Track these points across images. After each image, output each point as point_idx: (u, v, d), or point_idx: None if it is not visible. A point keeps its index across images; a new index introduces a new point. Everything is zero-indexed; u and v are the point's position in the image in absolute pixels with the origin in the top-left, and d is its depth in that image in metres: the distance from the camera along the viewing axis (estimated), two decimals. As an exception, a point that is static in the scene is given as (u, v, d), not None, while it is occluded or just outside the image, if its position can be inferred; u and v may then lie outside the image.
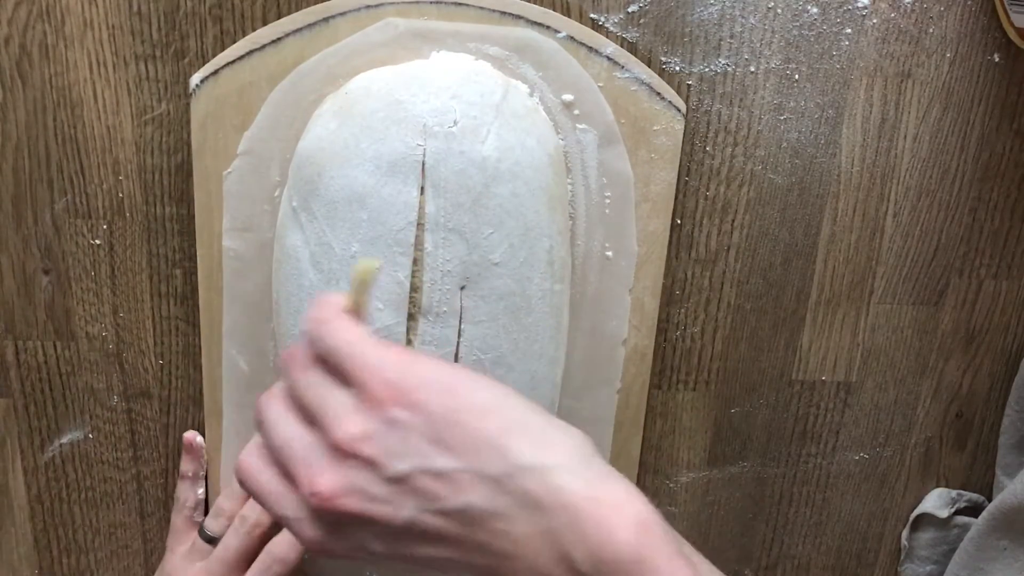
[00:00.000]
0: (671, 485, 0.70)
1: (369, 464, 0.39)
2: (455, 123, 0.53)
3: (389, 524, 0.39)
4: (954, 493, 0.73)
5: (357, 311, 0.42)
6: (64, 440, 0.65)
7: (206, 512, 0.63)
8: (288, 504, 0.41)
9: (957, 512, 0.72)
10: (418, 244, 0.54)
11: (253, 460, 0.42)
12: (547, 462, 0.38)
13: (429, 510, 0.39)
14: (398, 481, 0.38)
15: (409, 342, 0.55)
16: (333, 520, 0.40)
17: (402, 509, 0.39)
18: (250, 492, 0.43)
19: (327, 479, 0.39)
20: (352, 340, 0.40)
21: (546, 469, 0.38)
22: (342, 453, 0.39)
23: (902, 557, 0.74)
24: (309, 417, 0.41)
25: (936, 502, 0.72)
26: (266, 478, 0.41)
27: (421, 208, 0.53)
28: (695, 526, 0.72)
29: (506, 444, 0.38)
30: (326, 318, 0.41)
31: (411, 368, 0.40)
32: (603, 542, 0.36)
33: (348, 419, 0.39)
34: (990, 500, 0.71)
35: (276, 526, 0.60)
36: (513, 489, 0.38)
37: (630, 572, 0.36)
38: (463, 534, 0.39)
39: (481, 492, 0.38)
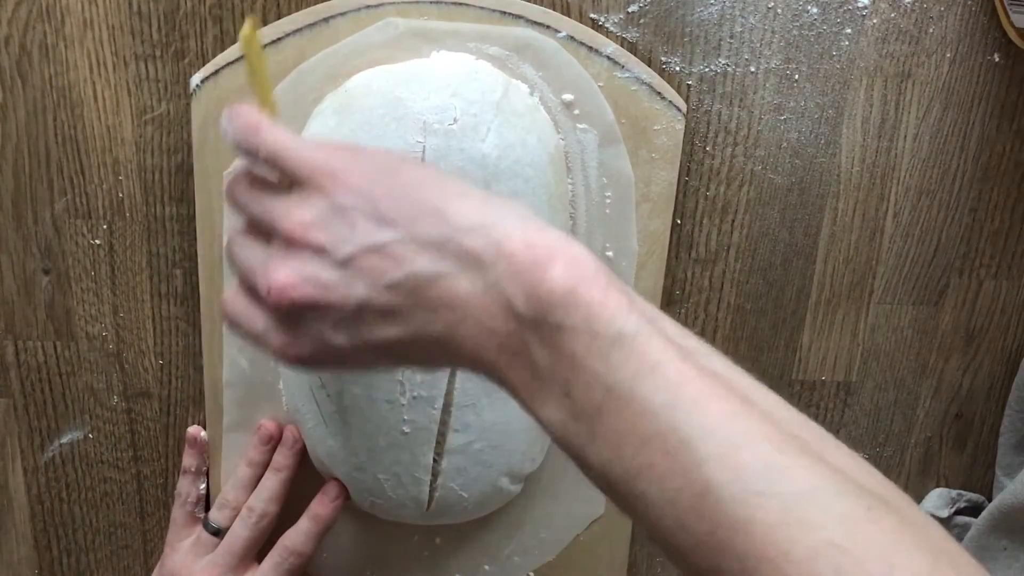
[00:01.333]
0: (671, 485, 0.70)
1: (319, 251, 0.40)
2: (455, 120, 0.53)
3: (343, 308, 0.40)
4: (954, 493, 0.73)
5: (271, 110, 0.44)
6: (64, 440, 0.65)
7: (206, 510, 0.63)
8: (256, 319, 0.43)
9: (957, 512, 0.72)
10: (418, 243, 0.54)
11: (230, 295, 0.44)
12: (485, 221, 0.39)
13: (377, 286, 0.39)
14: (346, 263, 0.39)
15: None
16: (293, 315, 0.41)
17: (354, 290, 0.40)
18: (229, 324, 0.45)
19: (281, 272, 0.40)
20: (287, 141, 0.41)
21: (484, 227, 0.39)
22: (294, 244, 0.40)
23: (902, 557, 0.74)
24: (264, 234, 0.42)
25: (936, 502, 0.72)
26: (240, 303, 0.43)
27: (421, 207, 0.53)
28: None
29: (445, 209, 0.39)
30: (253, 125, 0.42)
31: (353, 156, 0.41)
32: (538, 280, 0.37)
33: (296, 211, 0.40)
34: (990, 500, 0.71)
35: (283, 517, 0.60)
36: (454, 250, 0.39)
37: (564, 304, 0.37)
38: (412, 304, 0.39)
39: (423, 259, 0.39)
